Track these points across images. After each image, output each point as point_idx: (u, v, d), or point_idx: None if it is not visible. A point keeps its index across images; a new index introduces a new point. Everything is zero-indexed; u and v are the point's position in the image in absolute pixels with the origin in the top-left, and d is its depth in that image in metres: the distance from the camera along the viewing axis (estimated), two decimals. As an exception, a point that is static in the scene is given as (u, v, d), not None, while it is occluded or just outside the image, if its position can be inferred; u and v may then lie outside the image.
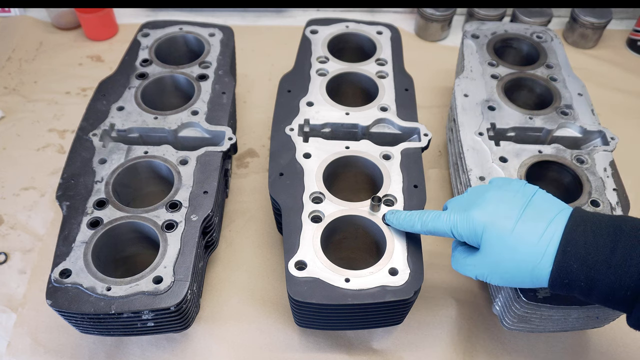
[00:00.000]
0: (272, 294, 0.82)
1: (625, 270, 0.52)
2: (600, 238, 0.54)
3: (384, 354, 0.76)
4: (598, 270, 0.53)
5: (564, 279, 0.55)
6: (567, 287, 0.55)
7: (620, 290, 0.52)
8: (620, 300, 0.53)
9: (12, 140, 1.03)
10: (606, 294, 0.53)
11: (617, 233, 0.54)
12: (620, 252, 0.53)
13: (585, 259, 0.53)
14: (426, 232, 0.65)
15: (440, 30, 1.28)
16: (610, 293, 0.53)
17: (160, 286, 0.65)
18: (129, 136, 0.83)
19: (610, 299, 0.54)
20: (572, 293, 0.56)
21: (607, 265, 0.53)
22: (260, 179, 0.97)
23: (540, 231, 0.56)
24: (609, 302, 0.54)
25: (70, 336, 0.76)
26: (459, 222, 0.61)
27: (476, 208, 0.60)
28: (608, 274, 0.53)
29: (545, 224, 0.56)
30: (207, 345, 0.76)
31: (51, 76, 1.16)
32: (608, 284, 0.53)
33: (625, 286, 0.52)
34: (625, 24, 1.35)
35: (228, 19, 1.33)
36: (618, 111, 1.13)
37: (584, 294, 0.55)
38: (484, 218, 0.59)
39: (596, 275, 0.53)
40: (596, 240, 0.54)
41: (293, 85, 0.90)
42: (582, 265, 0.54)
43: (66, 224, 0.71)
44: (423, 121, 1.03)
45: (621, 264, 0.52)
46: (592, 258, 0.53)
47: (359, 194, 0.82)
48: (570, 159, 0.78)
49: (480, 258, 0.61)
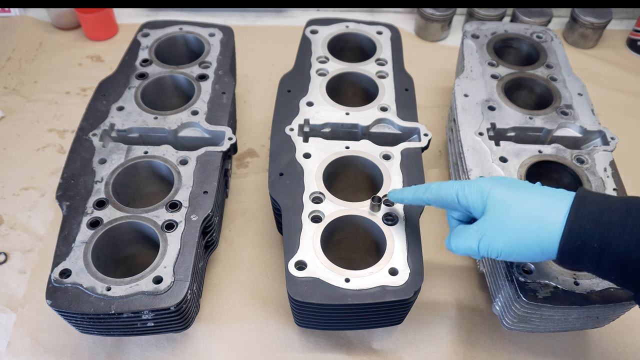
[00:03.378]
0: (272, 294, 0.82)
1: None
2: (613, 202, 0.52)
3: (384, 354, 0.76)
4: (612, 229, 0.51)
5: (577, 240, 0.52)
6: (579, 251, 0.52)
7: (636, 252, 0.50)
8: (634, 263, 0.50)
9: (12, 140, 1.03)
10: (619, 256, 0.51)
11: (628, 199, 0.52)
12: (634, 212, 0.51)
13: (599, 219, 0.51)
14: (429, 200, 0.64)
15: (440, 30, 1.28)
16: (625, 254, 0.50)
17: (160, 286, 0.65)
18: (129, 136, 0.83)
19: (624, 262, 0.51)
20: (582, 259, 0.53)
21: (623, 225, 0.51)
22: (260, 179, 0.97)
23: (553, 194, 0.55)
24: (621, 267, 0.52)
25: (70, 336, 0.76)
26: (466, 185, 0.60)
27: (483, 179, 0.60)
28: (623, 233, 0.50)
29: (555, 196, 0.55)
30: (207, 345, 0.76)
31: (51, 76, 1.16)
32: (622, 244, 0.50)
33: None
34: (625, 24, 1.35)
35: (228, 19, 1.33)
36: (618, 111, 1.13)
37: (597, 258, 0.52)
38: (491, 182, 0.59)
39: (610, 234, 0.51)
40: (609, 203, 0.52)
41: (293, 85, 0.90)
42: (596, 225, 0.51)
43: (66, 224, 0.71)
44: (423, 121, 1.03)
45: (636, 225, 0.50)
46: (606, 217, 0.51)
47: (359, 194, 0.82)
48: (570, 159, 0.78)
49: (484, 222, 0.58)
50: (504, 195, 0.57)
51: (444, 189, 0.63)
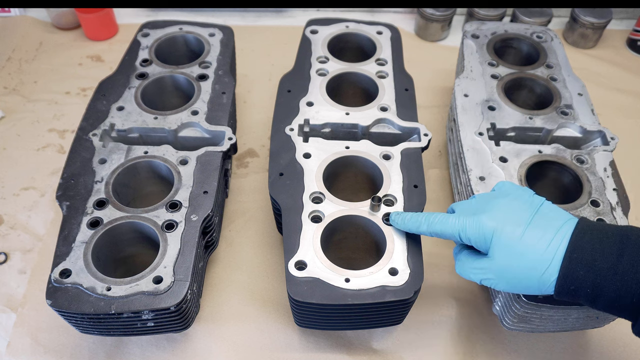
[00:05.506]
0: (272, 294, 0.82)
1: (632, 276, 0.52)
2: (607, 245, 0.54)
3: (384, 354, 0.76)
4: (604, 276, 0.53)
5: (570, 285, 0.54)
6: (573, 294, 0.55)
7: (627, 297, 0.52)
8: (627, 308, 0.53)
9: (12, 140, 1.03)
10: (612, 301, 0.53)
11: (623, 241, 0.54)
12: (627, 258, 0.52)
13: (592, 265, 0.53)
14: (432, 233, 0.65)
15: (440, 30, 1.28)
16: (616, 300, 0.53)
17: (160, 286, 0.65)
18: (129, 136, 0.83)
19: (616, 305, 0.53)
20: (578, 300, 0.56)
21: (614, 271, 0.52)
22: (260, 179, 0.97)
23: (548, 239, 0.56)
24: (614, 309, 0.54)
25: (70, 336, 0.76)
26: (468, 226, 0.61)
27: (485, 213, 0.60)
28: (614, 280, 0.52)
29: (553, 232, 0.56)
30: (207, 345, 0.76)
31: (51, 76, 1.16)
32: (614, 290, 0.52)
33: (632, 293, 0.52)
34: (625, 24, 1.35)
35: (228, 19, 1.33)
36: (618, 111, 1.13)
37: (590, 301, 0.55)
38: (493, 223, 0.59)
39: (602, 281, 0.53)
40: (603, 247, 0.54)
41: (293, 85, 0.90)
42: (589, 271, 0.53)
43: (66, 224, 0.71)
44: (423, 121, 1.03)
45: (628, 270, 0.52)
46: (598, 264, 0.53)
47: (359, 194, 0.82)
48: (570, 159, 0.78)
49: (487, 263, 0.60)
50: (505, 246, 0.58)
51: (447, 227, 0.63)
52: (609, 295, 0.53)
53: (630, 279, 0.52)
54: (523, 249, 0.57)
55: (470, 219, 0.61)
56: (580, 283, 0.54)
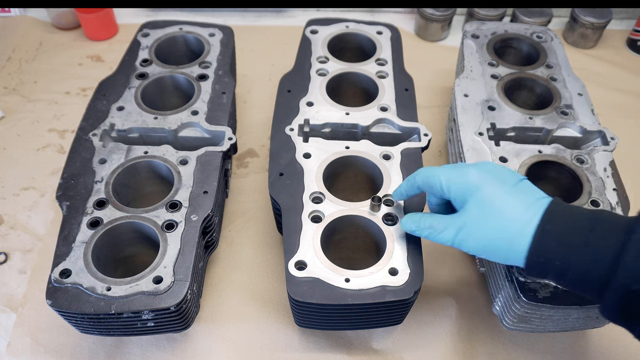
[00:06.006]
0: (272, 294, 0.82)
1: (601, 249, 0.52)
2: (579, 221, 0.55)
3: (384, 354, 0.76)
4: (574, 250, 0.53)
5: (540, 257, 0.55)
6: (543, 267, 0.56)
7: (595, 271, 0.52)
8: (594, 282, 0.53)
9: (12, 140, 1.03)
10: (581, 275, 0.53)
11: (595, 218, 0.55)
12: (597, 233, 0.53)
13: (563, 238, 0.54)
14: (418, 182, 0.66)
15: (440, 30, 1.28)
16: (585, 273, 0.53)
17: (160, 286, 0.65)
18: (129, 136, 0.83)
19: (584, 280, 0.53)
20: (546, 274, 0.56)
21: (584, 244, 0.53)
22: (260, 179, 0.97)
23: (528, 203, 0.57)
24: (582, 284, 0.54)
25: (70, 336, 0.76)
26: (453, 175, 0.62)
27: (474, 167, 0.61)
28: (584, 253, 0.53)
29: (532, 201, 0.57)
30: (207, 345, 0.76)
31: (51, 76, 1.16)
32: (584, 263, 0.53)
33: (601, 266, 0.52)
34: (625, 24, 1.35)
35: (228, 19, 1.33)
36: (618, 111, 1.13)
37: (560, 275, 0.55)
38: (479, 177, 0.60)
39: (572, 255, 0.53)
40: (574, 223, 0.55)
41: (293, 85, 0.90)
42: (560, 244, 0.54)
43: (66, 224, 0.71)
44: (423, 121, 1.03)
45: (597, 244, 0.52)
46: (569, 238, 0.54)
47: (359, 194, 0.82)
48: (570, 159, 0.78)
49: (461, 218, 0.61)
50: (486, 200, 0.59)
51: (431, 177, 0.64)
52: (578, 269, 0.53)
53: (600, 252, 0.52)
54: (503, 207, 0.58)
55: (457, 170, 0.62)
56: (550, 256, 0.55)
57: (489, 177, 0.60)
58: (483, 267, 0.78)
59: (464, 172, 0.61)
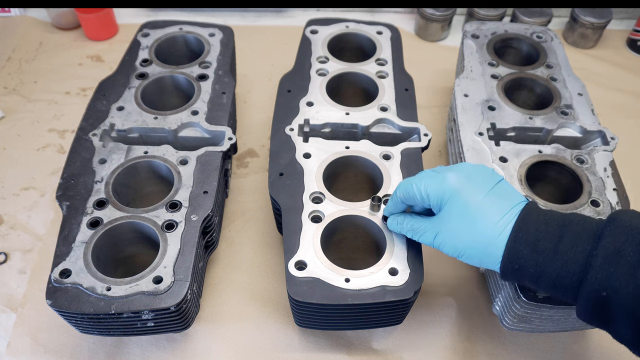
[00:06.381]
0: (272, 294, 0.82)
1: (571, 256, 0.53)
2: (550, 227, 0.55)
3: (384, 354, 0.76)
4: (546, 256, 0.54)
5: (515, 264, 0.56)
6: (518, 273, 0.57)
7: (566, 277, 0.53)
8: (567, 287, 0.54)
9: (12, 140, 1.03)
10: (553, 280, 0.54)
11: (565, 224, 0.55)
12: (567, 239, 0.54)
13: (535, 246, 0.55)
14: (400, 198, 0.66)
15: (440, 30, 1.28)
16: (557, 279, 0.54)
17: (160, 286, 0.65)
18: (129, 136, 0.83)
19: (557, 285, 0.55)
20: (523, 280, 0.57)
21: (555, 251, 0.54)
22: (260, 179, 0.97)
23: (503, 210, 0.58)
24: (556, 289, 0.55)
25: (70, 336, 0.76)
26: (431, 182, 0.62)
27: (450, 172, 0.62)
28: (555, 259, 0.54)
29: (508, 207, 0.58)
30: (207, 345, 0.76)
31: (51, 76, 1.16)
32: (555, 270, 0.54)
33: (571, 272, 0.53)
34: (625, 24, 1.35)
35: (228, 19, 1.33)
36: (618, 111, 1.13)
37: (534, 281, 0.56)
38: (456, 182, 0.61)
39: (544, 261, 0.54)
40: (547, 229, 0.55)
41: (293, 85, 0.90)
42: (532, 251, 0.55)
43: (66, 224, 0.71)
44: (423, 121, 1.03)
45: (567, 251, 0.53)
46: (541, 245, 0.55)
47: (359, 194, 0.82)
48: (570, 159, 0.78)
49: (438, 222, 0.62)
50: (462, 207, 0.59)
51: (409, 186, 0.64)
52: (550, 275, 0.54)
53: (569, 259, 0.53)
54: (477, 215, 0.58)
55: (433, 176, 0.63)
56: (523, 262, 0.56)
57: (465, 182, 0.61)
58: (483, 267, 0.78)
59: (441, 177, 0.62)
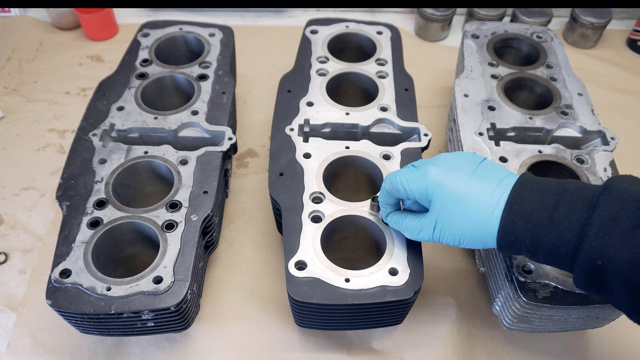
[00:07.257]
0: (272, 294, 0.82)
1: (566, 225, 0.53)
2: (545, 197, 0.55)
3: (384, 354, 0.76)
4: (541, 226, 0.54)
5: (510, 236, 0.56)
6: (514, 246, 0.56)
7: (562, 246, 0.53)
8: (563, 257, 0.54)
9: (12, 140, 1.03)
10: (549, 250, 0.54)
11: (560, 192, 0.55)
12: (562, 208, 0.53)
13: (530, 217, 0.54)
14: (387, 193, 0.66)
15: (440, 30, 1.28)
16: (553, 249, 0.54)
17: (160, 286, 0.65)
18: (129, 136, 0.83)
19: (554, 255, 0.54)
20: (518, 251, 0.57)
21: (550, 221, 0.54)
22: (260, 179, 0.97)
23: (490, 189, 0.57)
24: (553, 259, 0.55)
25: (70, 336, 0.76)
26: (413, 176, 0.62)
27: (430, 164, 0.62)
28: (550, 229, 0.53)
29: (495, 184, 0.58)
30: (207, 345, 0.76)
31: (51, 76, 1.16)
32: (551, 239, 0.53)
33: (567, 241, 0.53)
34: (625, 24, 1.35)
35: (228, 19, 1.33)
36: (618, 111, 1.13)
37: (530, 252, 0.56)
38: (436, 174, 0.60)
39: (540, 232, 0.54)
40: (541, 199, 0.55)
41: (293, 85, 0.90)
42: (527, 222, 0.55)
43: (66, 224, 0.71)
44: (423, 121, 1.03)
45: (563, 220, 0.53)
46: (536, 215, 0.54)
47: (359, 194, 0.82)
48: (570, 159, 0.78)
49: (431, 217, 0.61)
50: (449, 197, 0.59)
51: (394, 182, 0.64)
52: (547, 245, 0.54)
53: (565, 228, 0.53)
54: (466, 199, 0.58)
55: (415, 170, 0.62)
56: (519, 234, 0.55)
57: (447, 170, 0.60)
58: (483, 267, 0.78)
59: (421, 172, 0.62)
